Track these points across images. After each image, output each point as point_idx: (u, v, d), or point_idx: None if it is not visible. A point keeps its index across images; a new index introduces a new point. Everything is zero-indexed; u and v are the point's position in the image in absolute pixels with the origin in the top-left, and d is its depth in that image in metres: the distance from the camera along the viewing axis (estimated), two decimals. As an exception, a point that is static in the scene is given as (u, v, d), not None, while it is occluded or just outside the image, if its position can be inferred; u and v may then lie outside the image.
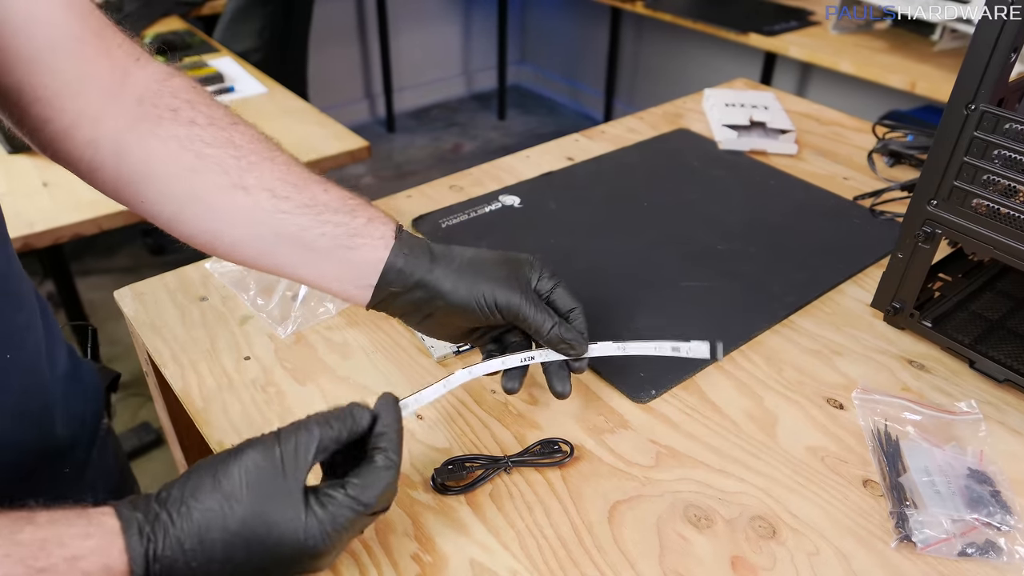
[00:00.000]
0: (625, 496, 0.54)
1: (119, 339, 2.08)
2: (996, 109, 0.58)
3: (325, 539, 0.42)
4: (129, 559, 0.39)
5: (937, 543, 0.50)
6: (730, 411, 0.62)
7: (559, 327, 0.55)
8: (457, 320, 0.56)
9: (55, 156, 0.54)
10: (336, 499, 0.42)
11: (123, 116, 0.52)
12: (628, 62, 3.42)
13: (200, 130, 0.53)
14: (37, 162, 1.41)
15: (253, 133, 0.55)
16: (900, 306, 0.69)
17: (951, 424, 0.60)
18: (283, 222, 0.53)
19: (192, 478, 0.42)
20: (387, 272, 0.54)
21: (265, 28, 2.09)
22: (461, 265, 0.55)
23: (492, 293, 0.54)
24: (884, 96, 2.28)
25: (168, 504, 0.41)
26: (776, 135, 1.04)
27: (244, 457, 0.42)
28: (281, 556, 0.41)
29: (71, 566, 0.38)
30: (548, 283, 0.57)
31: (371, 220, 0.55)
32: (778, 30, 2.07)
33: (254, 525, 0.41)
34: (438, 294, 0.54)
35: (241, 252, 0.55)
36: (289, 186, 0.54)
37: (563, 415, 0.61)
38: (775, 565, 0.49)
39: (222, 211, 0.53)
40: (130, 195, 0.54)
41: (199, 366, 0.66)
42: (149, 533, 0.40)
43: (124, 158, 0.52)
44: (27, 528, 0.38)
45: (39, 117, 0.51)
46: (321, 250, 0.54)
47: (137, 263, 2.45)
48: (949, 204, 0.63)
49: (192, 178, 0.52)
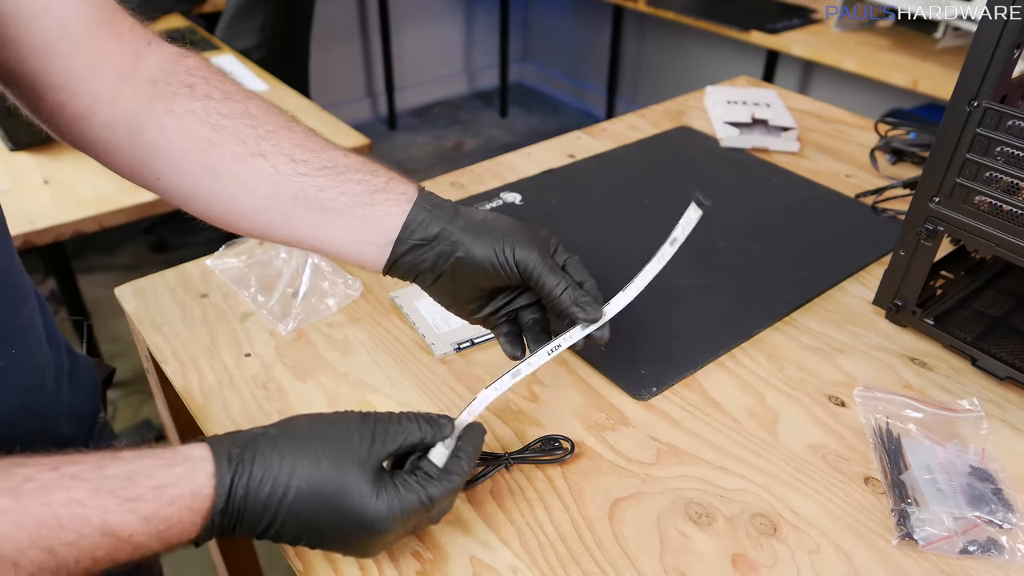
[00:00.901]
0: (626, 493, 0.54)
1: (120, 336, 2.08)
2: (999, 106, 0.58)
3: (388, 518, 0.44)
4: (216, 484, 0.41)
5: (939, 541, 0.50)
6: (731, 408, 0.61)
7: (573, 288, 0.53)
8: (473, 278, 0.54)
9: (73, 141, 0.54)
10: (409, 484, 0.45)
11: (137, 96, 0.52)
12: (630, 60, 3.41)
13: (216, 103, 0.53)
14: (38, 159, 1.41)
15: (269, 106, 0.55)
16: (902, 303, 0.69)
17: (953, 422, 0.60)
18: (302, 184, 0.53)
19: (288, 423, 0.46)
20: (409, 223, 0.54)
21: (267, 26, 2.09)
22: (484, 220, 0.55)
23: (512, 247, 0.53)
24: (886, 94, 2.28)
25: (262, 441, 0.44)
26: (778, 132, 1.04)
27: (341, 420, 0.46)
28: (344, 523, 0.43)
29: (159, 494, 0.40)
30: (563, 255, 0.56)
31: (392, 179, 0.55)
32: (780, 28, 2.07)
33: (332, 485, 0.43)
34: (458, 246, 0.54)
35: (259, 221, 0.55)
36: (307, 151, 0.53)
37: (564, 412, 0.61)
38: (776, 562, 0.49)
39: (240, 180, 0.53)
40: (147, 174, 0.54)
41: (200, 363, 0.66)
42: (238, 463, 0.42)
43: (139, 137, 0.52)
44: (114, 463, 0.40)
45: (55, 103, 0.51)
46: (340, 210, 0.53)
47: (138, 260, 2.45)
48: (951, 201, 0.63)
49: (209, 150, 0.52)
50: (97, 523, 0.38)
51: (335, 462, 0.44)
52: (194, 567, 1.47)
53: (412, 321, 0.70)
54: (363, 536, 0.44)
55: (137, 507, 0.39)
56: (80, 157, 1.63)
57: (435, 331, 0.68)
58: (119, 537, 0.39)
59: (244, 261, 0.76)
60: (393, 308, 0.72)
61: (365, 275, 0.76)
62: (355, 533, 0.44)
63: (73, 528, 0.37)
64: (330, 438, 0.45)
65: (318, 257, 0.75)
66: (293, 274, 0.74)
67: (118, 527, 0.39)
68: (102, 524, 0.38)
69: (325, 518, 0.43)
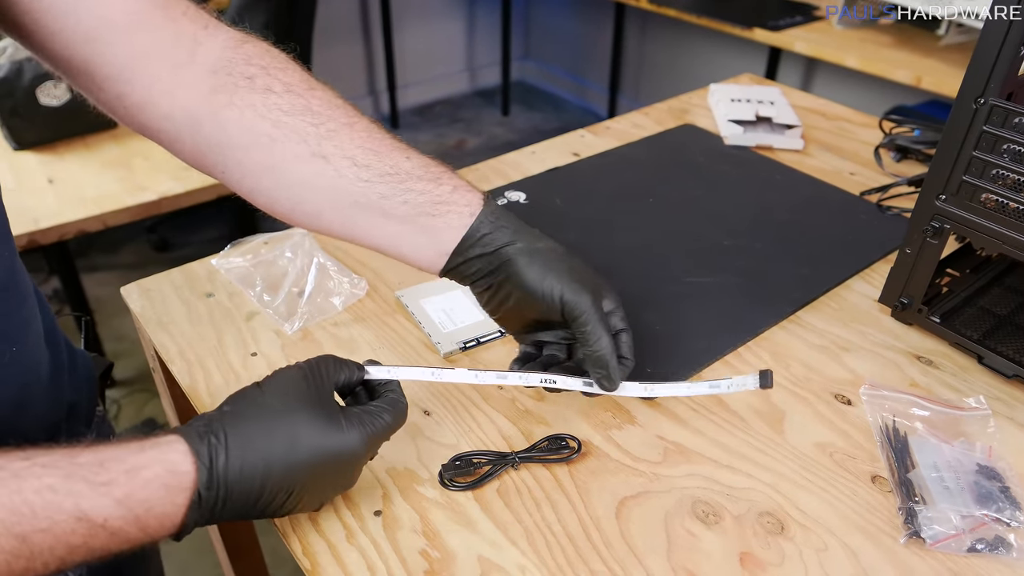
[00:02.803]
0: (633, 492, 0.54)
1: (124, 335, 2.08)
2: (1005, 103, 0.58)
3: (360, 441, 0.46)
4: (195, 460, 0.41)
5: (946, 539, 0.50)
6: (737, 407, 0.61)
7: (612, 353, 0.53)
8: (519, 301, 0.54)
9: (138, 130, 0.54)
10: (369, 409, 0.48)
11: (197, 87, 0.51)
12: (632, 58, 3.41)
13: (277, 98, 0.52)
14: (42, 158, 1.42)
15: (331, 98, 0.54)
16: (908, 301, 0.69)
17: (959, 420, 0.60)
18: (364, 191, 0.53)
19: (237, 395, 0.47)
20: (469, 237, 0.54)
21: (269, 24, 2.09)
22: (542, 249, 0.54)
23: (561, 286, 0.53)
24: (889, 91, 2.27)
25: (224, 415, 0.45)
26: (782, 130, 1.04)
27: (281, 373, 0.48)
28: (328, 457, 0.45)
29: (131, 477, 0.40)
30: (620, 323, 0.55)
31: (456, 188, 0.55)
32: (783, 25, 2.06)
33: (306, 429, 0.45)
34: (512, 267, 0.53)
35: (319, 221, 0.55)
36: (370, 154, 0.53)
37: (570, 411, 0.61)
38: (784, 561, 0.49)
39: (301, 181, 0.53)
40: (209, 165, 0.54)
41: (206, 362, 0.66)
42: (212, 439, 0.42)
43: (200, 130, 0.52)
44: (85, 452, 0.40)
45: (113, 93, 0.51)
46: (400, 218, 0.53)
47: (142, 260, 2.45)
48: (958, 199, 0.63)
49: (270, 148, 0.52)
50: (70, 508, 0.38)
51: (297, 410, 0.45)
52: (199, 568, 1.47)
53: (418, 320, 0.70)
54: (343, 464, 0.46)
55: (110, 490, 0.39)
56: (84, 156, 1.65)
57: (441, 330, 0.68)
58: (93, 522, 0.38)
59: (249, 260, 0.77)
60: (399, 307, 0.72)
61: (370, 274, 0.76)
62: (336, 464, 0.46)
63: (46, 515, 0.37)
64: (282, 392, 0.46)
65: (324, 256, 0.75)
66: (298, 273, 0.74)
67: (92, 512, 0.38)
68: (75, 509, 0.38)
69: (308, 460, 0.44)
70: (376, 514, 0.52)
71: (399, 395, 0.50)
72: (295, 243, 0.77)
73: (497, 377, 0.54)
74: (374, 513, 0.52)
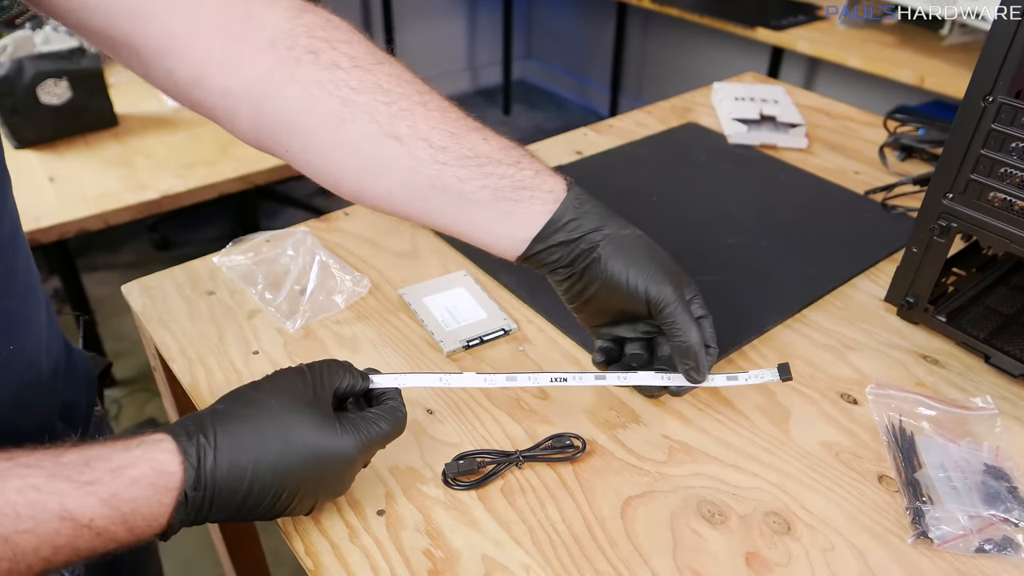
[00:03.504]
0: (638, 492, 0.54)
1: (125, 334, 2.08)
2: (1014, 101, 0.57)
3: (353, 447, 0.45)
4: (182, 459, 0.41)
5: (954, 539, 0.50)
6: (743, 406, 0.61)
7: (702, 344, 0.52)
8: (602, 291, 0.53)
9: (193, 107, 0.51)
10: (366, 416, 0.46)
11: (255, 62, 0.49)
12: (634, 57, 3.41)
13: (344, 74, 0.49)
14: (43, 157, 1.41)
15: (401, 73, 0.52)
16: (914, 300, 0.68)
17: (966, 420, 0.59)
18: (440, 173, 0.51)
19: (233, 394, 0.46)
20: (552, 223, 0.52)
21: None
22: (629, 238, 0.53)
23: (646, 278, 0.51)
24: (891, 91, 2.27)
25: (216, 416, 0.43)
26: (786, 129, 1.04)
27: (282, 377, 0.47)
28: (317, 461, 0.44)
29: (117, 475, 0.39)
30: (700, 310, 0.54)
31: (539, 172, 0.53)
32: (785, 24, 2.06)
33: (297, 431, 0.44)
34: (596, 256, 0.52)
35: (391, 202, 0.53)
36: (446, 135, 0.51)
37: (574, 410, 0.60)
38: (790, 561, 0.49)
39: (373, 162, 0.51)
40: (272, 145, 0.52)
41: (207, 360, 0.65)
42: (200, 438, 0.42)
43: (262, 107, 0.49)
44: (70, 451, 0.39)
45: (163, 69, 0.48)
46: (480, 203, 0.51)
47: (143, 258, 2.45)
48: (965, 197, 0.62)
49: (339, 127, 0.50)
50: (54, 508, 0.37)
51: (292, 411, 0.44)
52: (201, 567, 1.47)
53: (420, 318, 0.69)
54: (334, 469, 0.45)
55: (95, 490, 0.38)
56: (84, 155, 1.64)
57: (444, 328, 0.68)
58: (78, 522, 0.38)
59: (251, 258, 0.76)
60: (401, 305, 0.72)
61: (373, 272, 0.76)
62: (328, 468, 0.45)
63: (30, 515, 0.36)
64: (278, 392, 0.45)
65: (326, 254, 0.75)
66: (300, 271, 0.73)
67: (76, 511, 0.37)
68: (60, 508, 0.37)
69: (299, 463, 0.43)
70: (379, 513, 0.52)
71: (399, 403, 0.49)
72: (297, 241, 0.76)
73: (507, 380, 0.53)
74: (377, 512, 0.52)
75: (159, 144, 1.50)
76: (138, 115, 1.62)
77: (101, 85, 1.49)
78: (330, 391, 0.47)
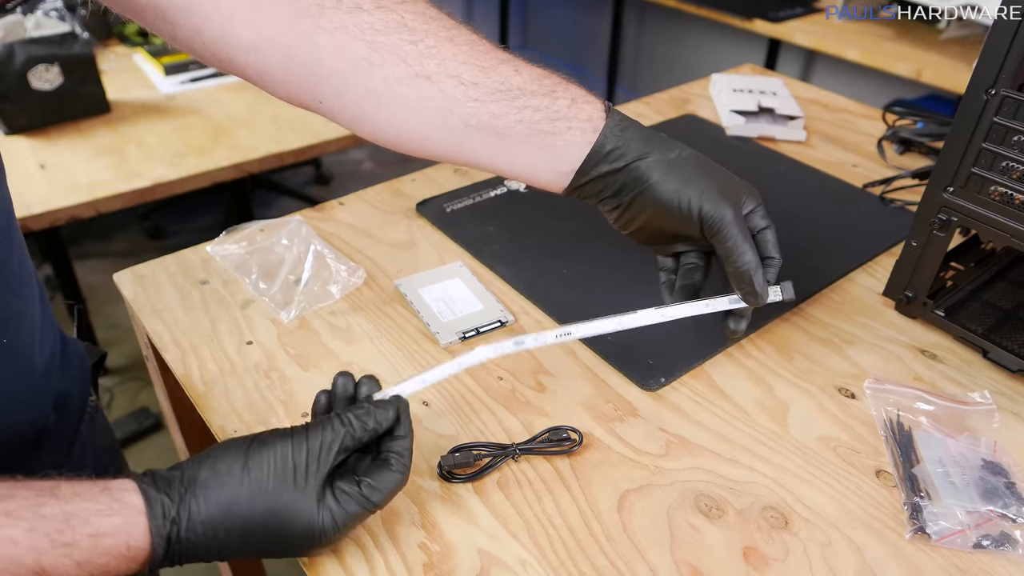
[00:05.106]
0: (635, 485, 0.53)
1: (117, 322, 2.07)
2: (1017, 94, 0.57)
3: (334, 531, 0.44)
4: (152, 541, 0.40)
5: (952, 535, 0.50)
6: (741, 400, 0.61)
7: (759, 268, 0.51)
8: (654, 217, 0.52)
9: (222, 67, 0.51)
10: (350, 496, 0.44)
11: (279, 14, 0.48)
12: (630, 49, 3.39)
13: (368, 16, 0.48)
14: (34, 143, 1.40)
15: (424, 9, 0.50)
16: (913, 295, 0.68)
17: (964, 415, 0.59)
18: (474, 111, 0.49)
19: (221, 461, 0.43)
20: (594, 154, 0.51)
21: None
22: (677, 159, 0.51)
23: (700, 198, 0.50)
24: (888, 84, 2.26)
25: (196, 487, 0.42)
26: (785, 121, 1.03)
27: (275, 449, 0.43)
28: (291, 539, 0.43)
29: (95, 543, 0.39)
30: (761, 221, 0.53)
31: (575, 101, 0.51)
32: (783, 16, 2.05)
33: (276, 515, 0.42)
34: (644, 183, 0.51)
35: (428, 145, 0.52)
36: (476, 70, 0.49)
37: (571, 403, 0.60)
38: (787, 556, 0.49)
39: (405, 104, 0.49)
40: (305, 98, 0.51)
41: (200, 350, 0.65)
42: (174, 517, 0.41)
43: (290, 58, 0.49)
44: (51, 501, 0.39)
45: (188, 28, 0.48)
46: (517, 137, 0.50)
47: (135, 247, 2.43)
48: (966, 191, 0.62)
49: (369, 72, 0.49)
50: (30, 563, 0.37)
51: (278, 493, 0.42)
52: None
53: (416, 309, 0.69)
54: (312, 547, 0.44)
55: (71, 552, 0.38)
56: (76, 141, 1.62)
57: (440, 320, 0.67)
58: None
59: (245, 247, 0.75)
60: (397, 296, 0.71)
61: (368, 263, 0.75)
62: (305, 545, 0.44)
63: (5, 567, 0.37)
64: (269, 468, 0.43)
65: (321, 244, 0.74)
66: (295, 261, 0.72)
67: (51, 570, 0.38)
68: (35, 565, 0.37)
69: (273, 539, 0.43)
70: (374, 506, 0.51)
71: (403, 459, 0.46)
72: (292, 230, 0.75)
73: (515, 344, 0.52)
74: (372, 505, 0.51)
75: (152, 131, 1.49)
76: (131, 102, 1.60)
77: (93, 71, 1.47)
78: (327, 460, 0.44)
